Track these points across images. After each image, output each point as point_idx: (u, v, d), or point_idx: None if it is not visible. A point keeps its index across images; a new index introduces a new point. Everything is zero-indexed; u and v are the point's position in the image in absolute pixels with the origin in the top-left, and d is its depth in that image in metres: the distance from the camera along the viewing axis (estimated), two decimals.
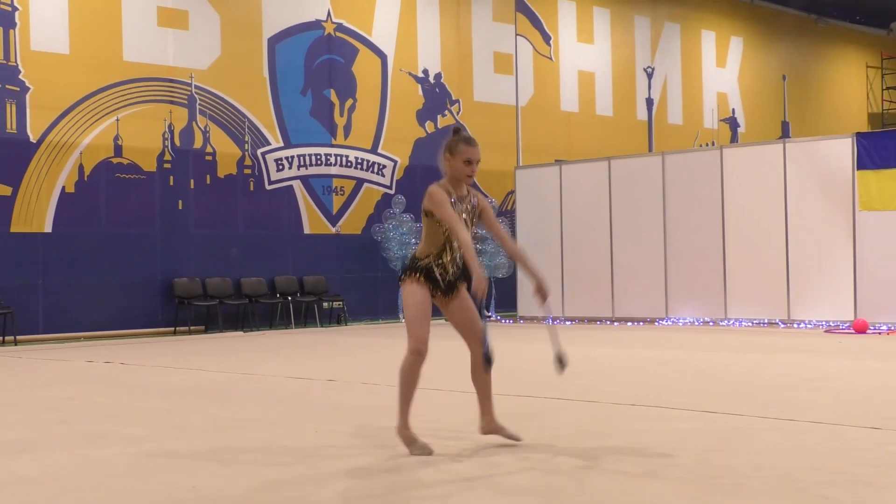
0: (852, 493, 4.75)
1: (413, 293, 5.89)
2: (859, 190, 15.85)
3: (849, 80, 32.24)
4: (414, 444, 5.84)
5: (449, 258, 5.90)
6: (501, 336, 15.54)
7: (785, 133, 29.10)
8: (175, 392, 9.29)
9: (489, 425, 6.10)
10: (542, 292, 5.95)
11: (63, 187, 16.60)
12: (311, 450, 6.15)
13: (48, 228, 16.46)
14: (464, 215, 5.89)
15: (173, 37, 17.86)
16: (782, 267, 16.60)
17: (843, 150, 16.12)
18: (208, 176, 18.19)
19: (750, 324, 16.83)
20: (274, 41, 19.13)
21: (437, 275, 5.89)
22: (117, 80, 17.20)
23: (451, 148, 5.93)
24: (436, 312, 5.98)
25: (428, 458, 5.77)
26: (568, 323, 18.70)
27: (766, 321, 16.75)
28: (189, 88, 17.95)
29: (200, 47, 18.16)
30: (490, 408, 6.10)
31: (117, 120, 17.15)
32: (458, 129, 6.07)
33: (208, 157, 18.19)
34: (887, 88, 32.81)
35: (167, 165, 17.70)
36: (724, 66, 28.03)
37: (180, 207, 17.84)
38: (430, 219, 5.87)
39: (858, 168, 15.87)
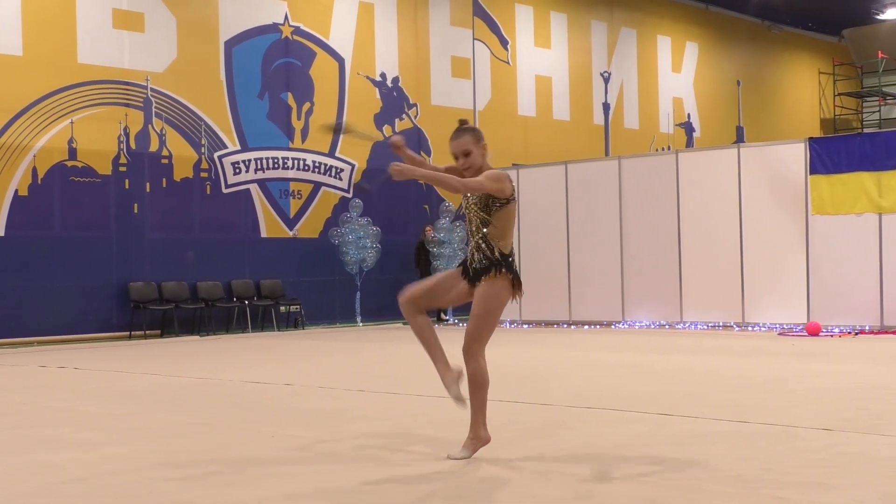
0: (804, 493, 4.82)
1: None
2: (812, 194, 16.05)
3: (802, 85, 32.64)
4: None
5: (473, 244, 5.83)
6: (459, 341, 15.56)
7: (739, 138, 29.40)
8: (130, 397, 9.22)
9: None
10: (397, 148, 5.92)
11: (16, 190, 16.41)
12: (268, 454, 6.13)
13: (0, 232, 16.25)
14: (473, 206, 5.77)
15: (129, 39, 17.72)
16: (737, 270, 16.76)
17: (796, 154, 16.31)
18: (164, 179, 18.07)
19: (705, 326, 16.97)
20: (231, 44, 19.04)
21: (467, 259, 5.89)
22: (72, 83, 17.03)
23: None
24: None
25: (379, 466, 5.77)
26: (525, 326, 18.76)
27: (720, 324, 16.90)
28: (145, 91, 17.82)
29: (156, 50, 18.03)
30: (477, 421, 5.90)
31: (72, 122, 16.99)
32: (461, 121, 5.98)
33: (164, 161, 18.06)
34: (839, 94, 33.25)
35: (122, 168, 17.55)
36: (679, 72, 28.27)
37: (136, 211, 17.70)
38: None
39: (811, 173, 16.07)
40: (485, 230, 5.75)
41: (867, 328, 15.45)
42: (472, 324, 5.83)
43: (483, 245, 5.76)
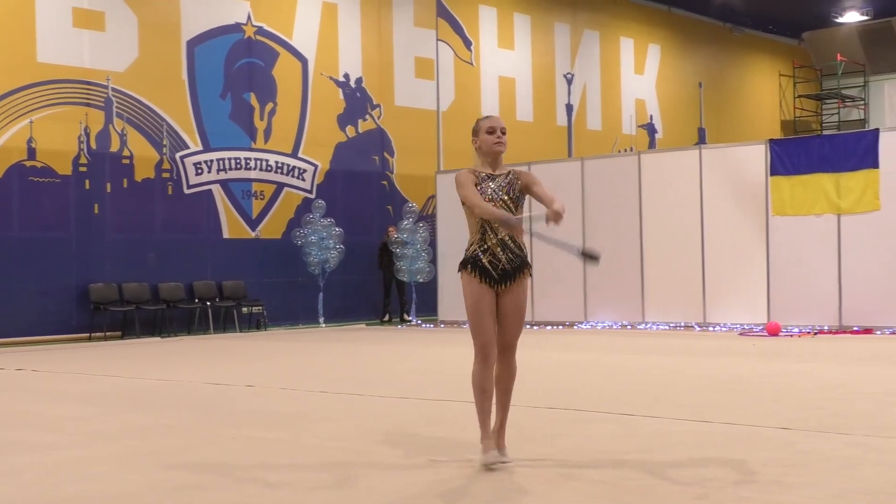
0: (764, 492, 4.86)
1: (467, 291, 5.69)
2: (772, 195, 16.18)
3: (762, 87, 32.92)
4: (485, 455, 5.56)
5: (495, 241, 5.70)
6: (422, 341, 15.57)
7: (701, 139, 29.59)
8: (90, 399, 9.14)
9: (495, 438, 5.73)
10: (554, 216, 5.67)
11: None
12: (228, 456, 6.10)
13: None
14: (499, 192, 5.73)
15: (89, 38, 17.56)
16: (698, 271, 16.87)
17: (756, 156, 16.45)
18: (125, 180, 17.92)
19: (666, 327, 17.07)
20: (193, 44, 18.91)
21: (486, 262, 5.68)
22: (31, 82, 16.84)
23: (474, 130, 5.85)
24: None
25: (342, 467, 5.76)
26: None
27: (682, 324, 17.01)
28: (106, 91, 17.67)
29: (117, 49, 17.87)
30: (501, 421, 5.76)
31: (31, 122, 16.81)
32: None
33: (125, 161, 17.92)
34: (799, 96, 33.57)
35: (83, 169, 17.39)
36: (642, 73, 28.42)
37: (96, 212, 17.54)
38: (465, 206, 5.77)
39: (772, 174, 16.21)
40: None
41: (826, 328, 15.60)
42: (520, 324, 5.81)
43: (510, 242, 5.75)
